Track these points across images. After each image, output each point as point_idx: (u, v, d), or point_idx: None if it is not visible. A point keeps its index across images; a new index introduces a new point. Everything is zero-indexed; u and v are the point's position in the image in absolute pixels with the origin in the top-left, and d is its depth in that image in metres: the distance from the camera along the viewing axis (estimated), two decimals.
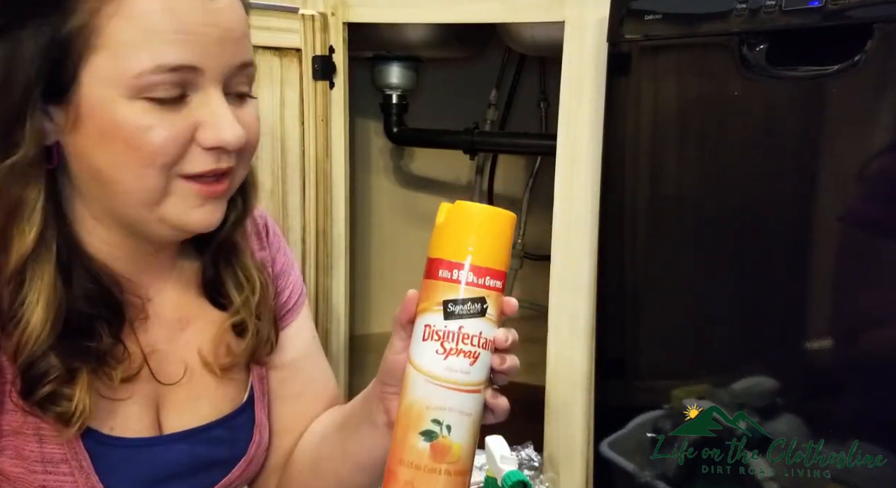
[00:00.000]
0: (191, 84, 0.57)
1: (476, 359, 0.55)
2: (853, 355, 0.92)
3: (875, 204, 0.89)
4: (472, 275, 0.54)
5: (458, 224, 0.56)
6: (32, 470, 0.59)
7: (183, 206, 0.59)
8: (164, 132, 0.56)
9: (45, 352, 0.57)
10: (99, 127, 0.56)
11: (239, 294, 0.69)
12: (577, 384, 1.21)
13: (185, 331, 0.69)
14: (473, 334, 0.54)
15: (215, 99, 0.58)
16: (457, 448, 0.55)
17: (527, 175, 2.01)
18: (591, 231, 1.16)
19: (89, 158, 0.58)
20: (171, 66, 0.55)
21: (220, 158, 0.59)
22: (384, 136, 1.89)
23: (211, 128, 0.57)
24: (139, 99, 0.55)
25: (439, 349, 0.54)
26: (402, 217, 2.23)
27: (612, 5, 1.05)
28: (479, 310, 0.54)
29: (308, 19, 1.27)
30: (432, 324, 0.55)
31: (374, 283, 2.22)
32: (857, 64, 0.86)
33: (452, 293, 0.54)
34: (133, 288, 0.65)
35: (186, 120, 0.57)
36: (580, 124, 1.16)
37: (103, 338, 0.60)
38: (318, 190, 1.34)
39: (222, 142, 0.58)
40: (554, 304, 1.23)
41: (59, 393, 0.57)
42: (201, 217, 0.60)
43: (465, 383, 0.55)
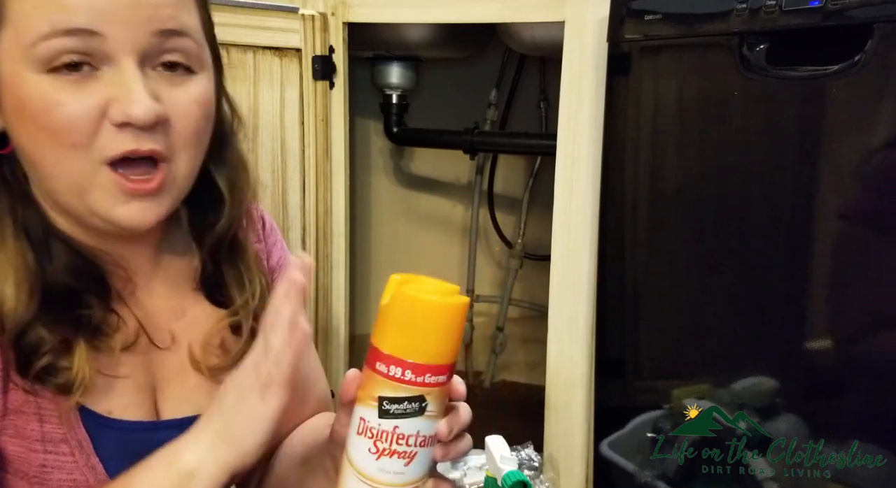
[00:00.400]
0: (98, 54, 0.53)
1: (412, 459, 0.51)
2: (853, 355, 0.92)
3: (875, 203, 0.89)
4: (411, 373, 0.50)
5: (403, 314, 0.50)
6: (33, 449, 0.59)
7: (109, 200, 0.56)
8: (69, 108, 0.53)
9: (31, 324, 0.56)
10: (13, 104, 0.54)
11: (240, 294, 0.68)
12: (577, 384, 1.21)
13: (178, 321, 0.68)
14: (409, 434, 0.50)
15: (127, 71, 0.53)
16: None
17: (527, 175, 2.01)
18: (591, 231, 1.16)
19: (17, 141, 0.56)
20: (66, 29, 0.51)
21: (139, 138, 0.54)
22: (384, 136, 1.89)
23: (118, 101, 0.53)
24: (46, 73, 0.52)
25: (372, 448, 0.50)
26: (402, 217, 2.23)
27: (612, 5, 1.05)
28: (417, 410, 0.50)
29: (308, 19, 1.27)
30: (367, 418, 0.51)
31: (374, 283, 2.22)
32: (857, 64, 0.86)
33: (388, 390, 0.50)
34: (115, 260, 0.63)
35: (96, 95, 0.53)
36: (580, 124, 1.16)
37: (93, 307, 0.59)
38: (318, 190, 1.34)
39: (129, 115, 0.53)
40: (554, 304, 1.23)
41: (56, 366, 0.56)
42: (128, 214, 0.56)
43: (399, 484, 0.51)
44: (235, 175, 0.68)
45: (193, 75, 0.58)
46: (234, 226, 0.68)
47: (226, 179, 0.67)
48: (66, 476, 0.60)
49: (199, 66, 0.59)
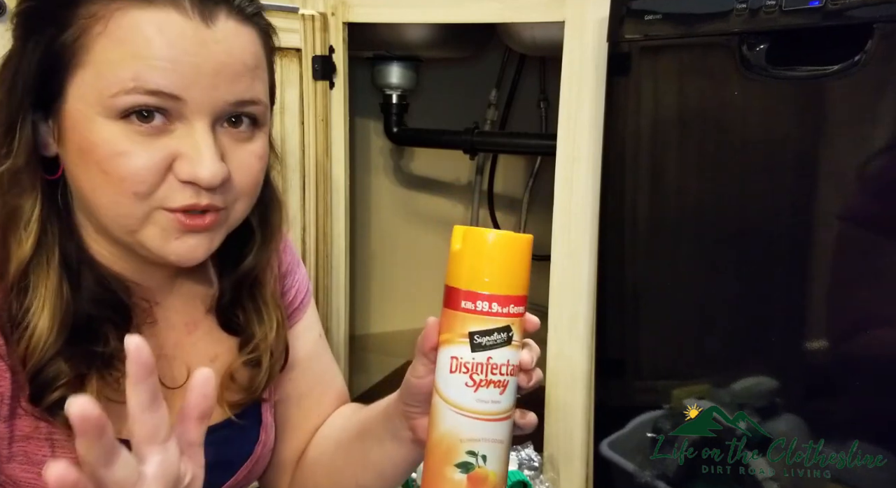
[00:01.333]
0: (174, 113, 0.55)
1: (505, 388, 0.54)
2: (853, 355, 0.92)
3: (875, 203, 0.89)
4: (497, 305, 0.54)
5: (476, 252, 0.55)
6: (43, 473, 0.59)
7: (162, 236, 0.57)
8: (137, 159, 0.54)
9: (53, 357, 0.56)
10: (78, 143, 0.55)
11: (259, 328, 0.68)
12: (577, 384, 1.21)
13: (191, 335, 0.68)
14: (502, 363, 0.54)
15: (199, 131, 0.55)
16: (493, 475, 0.55)
17: (527, 175, 2.01)
18: (591, 231, 1.16)
19: (73, 174, 0.57)
20: (150, 90, 0.53)
21: (199, 194, 0.56)
22: (384, 136, 1.89)
23: (188, 161, 0.55)
24: (118, 120, 0.54)
25: (468, 382, 0.53)
26: (402, 217, 2.23)
27: (612, 5, 1.05)
28: (506, 339, 0.54)
29: (308, 19, 1.27)
30: (459, 355, 0.54)
31: (374, 283, 2.22)
32: (857, 64, 0.86)
33: (478, 324, 0.53)
34: (140, 292, 0.64)
35: (165, 149, 0.55)
36: (580, 124, 1.16)
37: (110, 342, 0.59)
38: (318, 190, 1.34)
39: (196, 177, 0.55)
40: (554, 304, 1.23)
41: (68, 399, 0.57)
42: (180, 249, 0.58)
43: (496, 412, 0.55)
44: (268, 213, 0.69)
45: (256, 131, 0.61)
46: (262, 263, 0.69)
47: (259, 218, 0.68)
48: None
49: (262, 123, 0.61)
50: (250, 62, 0.58)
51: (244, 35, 0.58)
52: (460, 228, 0.56)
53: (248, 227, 0.67)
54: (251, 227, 0.67)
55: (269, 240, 0.69)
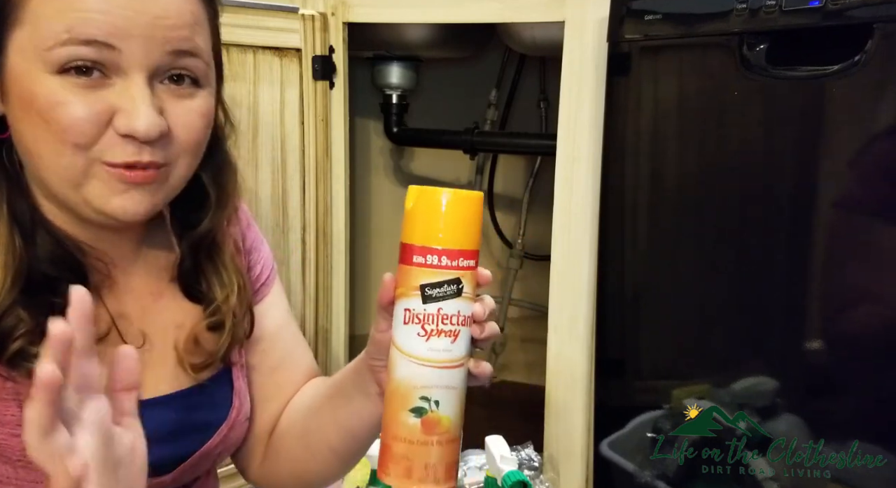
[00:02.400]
0: (111, 67, 0.56)
1: (456, 337, 0.57)
2: (853, 355, 0.92)
3: (875, 204, 0.89)
4: (446, 259, 0.57)
5: (428, 209, 0.58)
6: (15, 433, 0.59)
7: (105, 190, 0.58)
8: (74, 110, 0.55)
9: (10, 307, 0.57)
10: (19, 97, 0.56)
11: (220, 291, 0.69)
12: (577, 384, 1.21)
13: (156, 302, 0.69)
14: (452, 314, 0.57)
15: (136, 85, 0.56)
16: (445, 420, 0.58)
17: (527, 175, 2.01)
18: (591, 231, 1.16)
19: (17, 131, 0.58)
20: (83, 40, 0.54)
21: (141, 150, 0.57)
22: (384, 136, 1.89)
23: (125, 114, 0.56)
24: (58, 74, 0.55)
25: (420, 332, 0.57)
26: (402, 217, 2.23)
27: (612, 5, 1.05)
28: (456, 291, 0.57)
29: (308, 19, 1.27)
30: (412, 307, 0.57)
31: (374, 283, 2.22)
32: (857, 64, 0.86)
33: (428, 277, 0.57)
34: (97, 254, 0.65)
35: (104, 102, 0.56)
36: (580, 124, 1.16)
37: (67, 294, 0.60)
38: (318, 190, 1.34)
39: (133, 130, 0.56)
40: (554, 304, 1.23)
41: (29, 351, 0.57)
42: (123, 204, 0.58)
43: (447, 360, 0.57)
44: (223, 177, 0.70)
45: (198, 89, 0.61)
46: (217, 226, 0.70)
47: (213, 181, 0.69)
48: None
49: (205, 82, 0.61)
50: (188, 18, 0.59)
51: None
52: (414, 188, 0.59)
53: (203, 192, 0.68)
54: (205, 192, 0.68)
55: (223, 203, 0.69)
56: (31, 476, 0.60)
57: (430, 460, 0.57)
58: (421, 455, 0.57)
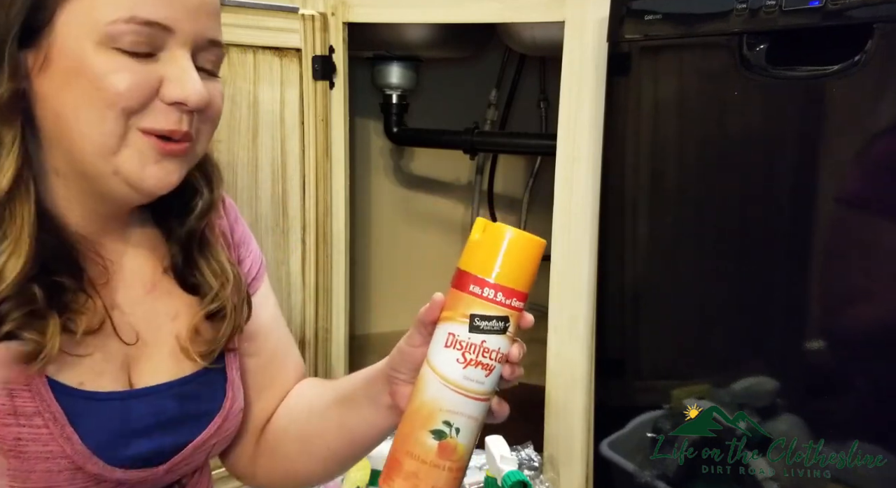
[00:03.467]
0: (161, 43, 0.59)
1: (491, 372, 0.59)
2: (853, 355, 0.92)
3: (876, 204, 0.89)
4: (501, 295, 0.58)
5: (494, 243, 0.59)
6: (5, 423, 0.59)
7: (139, 160, 0.60)
8: (128, 77, 0.58)
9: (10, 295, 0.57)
10: (66, 68, 0.58)
11: (216, 280, 0.70)
12: (577, 384, 1.21)
13: (149, 294, 0.70)
14: (493, 349, 0.59)
15: (183, 59, 0.60)
16: (462, 448, 0.59)
17: (527, 175, 2.01)
18: (591, 231, 1.16)
19: (53, 100, 0.59)
20: (145, 20, 0.57)
21: (181, 119, 0.60)
22: (384, 136, 1.89)
23: (176, 82, 0.59)
24: (109, 48, 0.57)
25: (460, 358, 0.58)
26: (402, 217, 2.23)
27: (612, 5, 1.05)
28: (502, 328, 0.59)
29: (308, 19, 1.27)
30: (457, 333, 0.58)
31: (374, 283, 2.22)
32: (857, 64, 0.86)
33: (480, 308, 0.58)
34: (95, 248, 0.66)
35: (153, 72, 0.59)
36: (580, 124, 1.16)
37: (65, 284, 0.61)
38: (318, 190, 1.34)
39: (185, 97, 0.59)
40: (554, 304, 1.23)
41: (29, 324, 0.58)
42: (157, 173, 0.61)
43: (478, 392, 0.59)
44: (209, 169, 0.72)
45: (215, 78, 0.65)
46: (208, 218, 0.71)
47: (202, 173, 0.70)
48: (42, 447, 0.60)
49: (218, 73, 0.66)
50: (218, 6, 0.63)
51: None
52: (482, 221, 0.61)
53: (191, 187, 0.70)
54: (193, 187, 0.70)
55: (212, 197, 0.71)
56: (24, 465, 0.60)
57: (438, 483, 0.58)
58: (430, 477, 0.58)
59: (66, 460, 0.61)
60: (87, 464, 0.62)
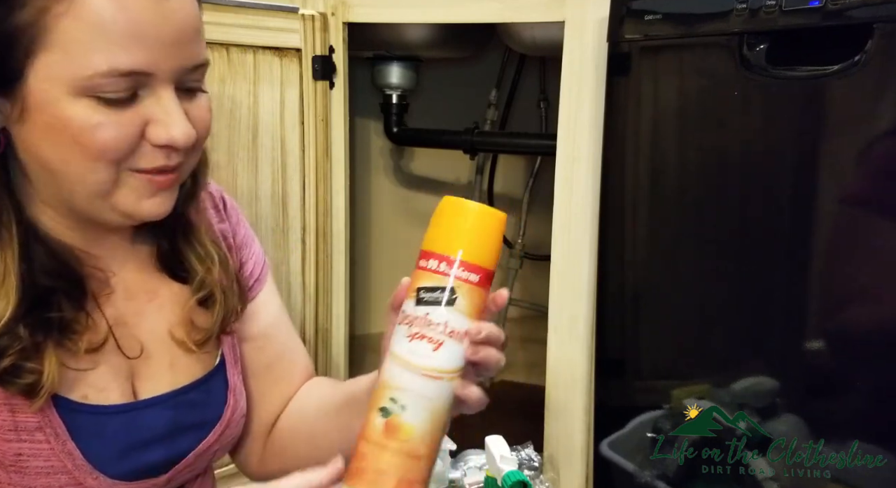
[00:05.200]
0: (142, 85, 0.57)
1: (439, 346, 0.55)
2: (853, 355, 0.92)
3: (875, 204, 0.89)
4: (445, 265, 0.56)
5: (448, 218, 0.57)
6: (6, 438, 0.59)
7: (134, 196, 0.59)
8: (112, 130, 0.56)
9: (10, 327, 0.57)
10: (46, 122, 0.56)
11: (201, 265, 0.70)
12: (577, 384, 1.21)
13: (151, 302, 0.69)
14: (438, 322, 0.55)
15: (167, 97, 0.58)
16: (408, 428, 0.54)
17: (527, 175, 2.01)
18: (591, 231, 1.16)
19: (37, 150, 0.58)
20: (125, 71, 0.55)
21: (169, 155, 0.59)
22: (384, 136, 1.89)
23: (162, 125, 0.57)
24: (87, 97, 0.55)
25: (407, 332, 0.55)
26: (402, 217, 2.23)
27: (612, 5, 1.05)
28: (448, 300, 0.55)
29: (308, 19, 1.27)
30: (406, 308, 0.56)
31: (374, 283, 2.22)
32: (857, 64, 0.86)
33: (425, 281, 0.56)
34: (94, 261, 0.65)
35: (136, 117, 0.57)
36: (580, 124, 1.16)
37: (63, 308, 0.61)
38: (318, 190, 1.34)
39: (172, 140, 0.58)
40: (554, 304, 1.23)
41: (22, 366, 0.57)
42: (152, 206, 0.61)
43: (425, 367, 0.55)
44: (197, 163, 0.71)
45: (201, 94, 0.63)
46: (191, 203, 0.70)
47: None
48: (44, 463, 0.60)
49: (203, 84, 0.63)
50: (198, 25, 0.60)
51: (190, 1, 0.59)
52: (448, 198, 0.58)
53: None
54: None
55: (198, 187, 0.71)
56: (24, 480, 0.60)
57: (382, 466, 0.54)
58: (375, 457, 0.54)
59: (67, 475, 0.61)
60: (87, 480, 0.62)
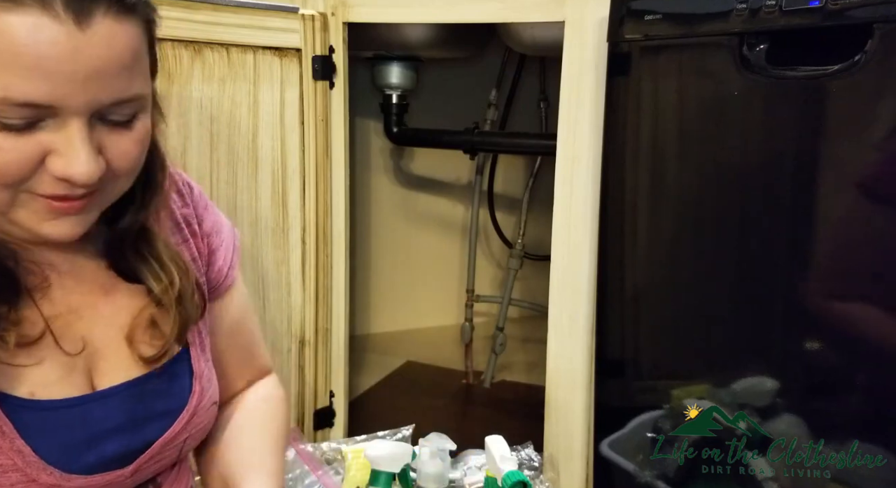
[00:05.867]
0: (45, 116, 0.52)
1: None
2: (853, 355, 0.92)
3: (875, 203, 0.89)
4: None
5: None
6: None
7: (36, 218, 0.56)
8: (8, 155, 0.52)
9: None
10: None
11: (157, 284, 0.67)
12: (577, 384, 1.21)
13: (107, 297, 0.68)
14: None
15: (73, 130, 0.53)
16: None
17: (527, 175, 2.02)
18: (591, 231, 1.16)
19: None
20: (20, 102, 0.50)
21: (72, 187, 0.54)
22: (384, 136, 1.89)
23: (61, 158, 0.53)
24: None
25: None
26: (402, 217, 2.23)
27: (612, 5, 1.05)
28: None
29: (308, 19, 1.27)
30: None
31: (374, 283, 2.22)
32: (857, 64, 0.86)
33: None
34: (30, 256, 0.63)
35: (37, 145, 0.53)
36: (580, 124, 1.16)
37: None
38: (318, 190, 1.34)
39: (70, 176, 0.53)
40: (554, 304, 1.23)
41: None
42: (54, 229, 0.57)
43: None
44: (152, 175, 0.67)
45: (137, 118, 0.58)
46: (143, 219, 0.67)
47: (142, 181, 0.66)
48: None
49: (143, 111, 0.58)
50: (129, 60, 0.54)
51: (122, 32, 0.53)
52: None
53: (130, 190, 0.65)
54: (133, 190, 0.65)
55: (149, 200, 0.67)
56: None
57: None
58: None
59: (18, 473, 0.60)
60: (40, 476, 0.60)
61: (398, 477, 0.91)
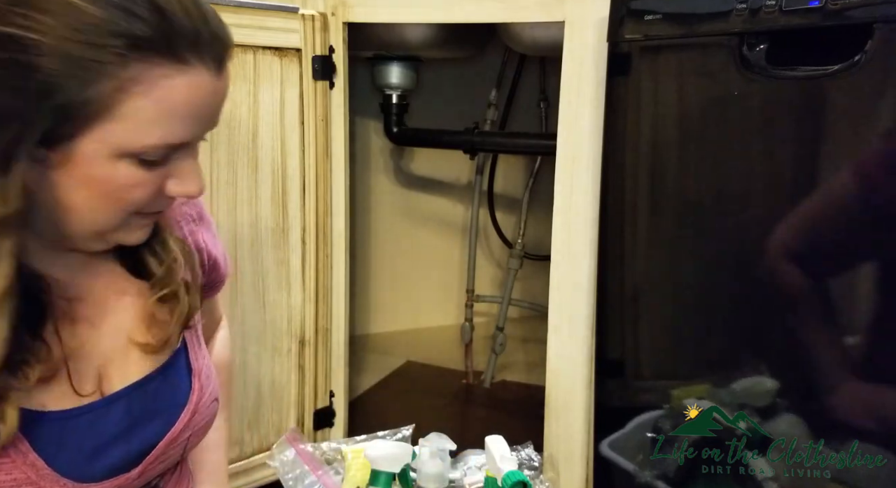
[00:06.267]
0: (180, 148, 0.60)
1: None
2: (853, 355, 0.92)
3: (875, 203, 0.89)
4: None
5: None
6: None
7: (129, 232, 0.63)
8: (146, 189, 0.59)
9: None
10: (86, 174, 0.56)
11: (159, 265, 0.70)
12: (577, 384, 1.21)
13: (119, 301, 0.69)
14: None
15: (191, 157, 0.61)
16: None
17: (527, 175, 2.02)
18: (591, 231, 1.16)
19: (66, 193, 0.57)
20: (173, 145, 0.57)
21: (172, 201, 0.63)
22: (384, 136, 1.89)
23: (182, 183, 0.61)
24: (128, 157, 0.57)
25: None
26: (402, 217, 2.23)
27: (612, 5, 1.05)
28: None
29: (308, 19, 1.27)
30: None
31: (374, 283, 2.22)
32: (857, 64, 0.86)
33: None
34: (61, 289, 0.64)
35: (163, 175, 0.60)
36: (580, 124, 1.16)
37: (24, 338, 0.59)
38: (318, 190, 1.34)
39: (190, 194, 0.61)
40: (554, 304, 1.23)
41: None
42: (139, 237, 0.64)
43: None
44: None
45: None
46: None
47: None
48: (6, 476, 0.59)
49: None
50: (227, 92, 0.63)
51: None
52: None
53: None
54: None
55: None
56: None
57: None
58: None
59: (33, 486, 0.60)
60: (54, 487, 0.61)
61: (398, 477, 0.92)
